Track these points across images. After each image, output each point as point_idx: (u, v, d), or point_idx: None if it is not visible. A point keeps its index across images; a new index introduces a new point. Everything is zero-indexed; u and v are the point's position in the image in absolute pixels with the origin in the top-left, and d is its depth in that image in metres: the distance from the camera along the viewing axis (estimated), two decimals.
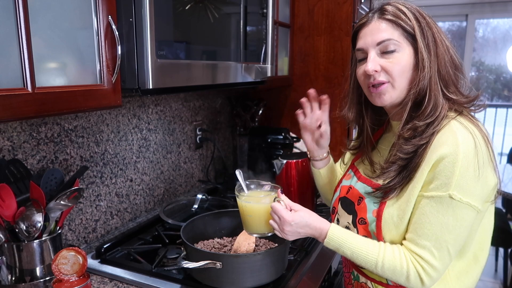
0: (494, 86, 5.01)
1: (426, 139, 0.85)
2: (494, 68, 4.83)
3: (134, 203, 1.52)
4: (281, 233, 0.95)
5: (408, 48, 0.88)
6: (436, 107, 0.86)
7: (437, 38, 0.87)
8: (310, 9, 2.00)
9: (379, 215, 0.90)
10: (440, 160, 0.82)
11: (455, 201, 0.81)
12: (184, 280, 1.09)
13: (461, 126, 0.84)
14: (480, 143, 0.83)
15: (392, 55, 0.88)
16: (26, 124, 1.10)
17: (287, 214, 0.92)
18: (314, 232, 0.94)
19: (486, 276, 3.08)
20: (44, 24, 0.81)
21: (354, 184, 1.01)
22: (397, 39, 0.87)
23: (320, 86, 2.06)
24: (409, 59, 0.88)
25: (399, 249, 0.88)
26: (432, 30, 0.88)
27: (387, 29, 0.88)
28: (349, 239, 0.91)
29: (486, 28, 4.58)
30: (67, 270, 0.93)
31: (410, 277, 0.86)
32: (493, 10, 4.01)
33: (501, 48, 4.57)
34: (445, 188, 0.81)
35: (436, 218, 0.83)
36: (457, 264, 0.91)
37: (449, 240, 0.83)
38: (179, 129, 1.75)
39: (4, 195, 0.96)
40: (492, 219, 0.95)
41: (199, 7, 1.14)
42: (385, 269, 0.87)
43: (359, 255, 0.89)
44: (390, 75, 0.89)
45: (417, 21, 0.87)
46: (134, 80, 0.98)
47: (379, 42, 0.89)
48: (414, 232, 0.86)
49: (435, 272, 0.85)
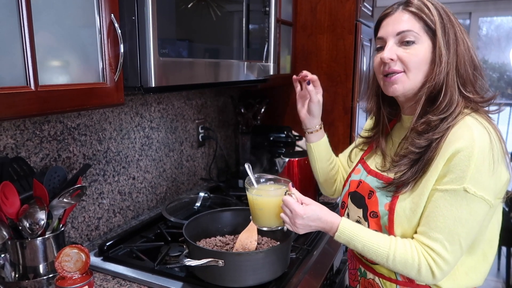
0: (498, 85, 4.99)
1: (440, 133, 0.86)
2: (498, 66, 4.81)
3: (137, 201, 1.53)
4: (292, 227, 0.95)
5: (427, 42, 0.89)
6: (451, 103, 0.87)
7: (458, 37, 0.88)
8: (313, 7, 2.00)
9: (391, 208, 0.90)
10: (456, 153, 0.82)
11: (469, 195, 0.82)
12: (186, 277, 1.09)
13: (476, 121, 0.85)
14: (495, 139, 0.84)
15: (411, 46, 0.89)
16: (29, 122, 1.11)
17: (299, 207, 0.93)
18: (325, 226, 0.94)
19: (489, 274, 3.06)
20: (47, 22, 0.81)
21: (364, 178, 1.01)
22: (417, 31, 0.89)
23: (323, 84, 2.02)
24: (426, 53, 0.89)
25: (410, 242, 0.88)
26: (454, 28, 0.89)
27: (409, 20, 0.89)
28: (360, 232, 0.91)
29: (489, 26, 4.56)
30: (70, 268, 0.93)
31: (422, 270, 0.86)
32: (497, 8, 3.99)
33: (505, 46, 4.55)
34: (460, 181, 0.82)
35: (449, 211, 0.83)
36: (466, 260, 0.92)
37: (461, 234, 0.83)
38: (182, 127, 1.75)
39: (7, 192, 0.96)
40: (500, 217, 0.96)
41: (202, 5, 1.14)
42: (397, 262, 0.87)
43: (370, 249, 0.89)
44: (405, 65, 0.90)
45: (439, 17, 0.88)
46: (136, 78, 0.99)
47: (399, 32, 0.90)
48: (426, 225, 0.86)
49: (446, 265, 0.85)
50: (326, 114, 2.08)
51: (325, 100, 1.15)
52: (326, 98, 2.05)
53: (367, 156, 1.07)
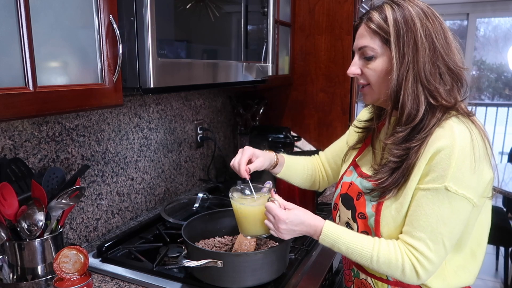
0: (495, 85, 5.01)
1: (418, 141, 0.85)
2: (495, 67, 4.83)
3: (135, 202, 1.53)
4: (277, 232, 0.96)
5: (387, 53, 0.88)
6: (416, 113, 0.85)
7: (419, 44, 0.85)
8: (311, 8, 2.00)
9: (378, 210, 0.91)
10: (437, 153, 0.83)
11: (450, 193, 0.82)
12: (185, 278, 1.09)
13: (458, 121, 0.85)
14: (477, 137, 0.84)
15: (371, 61, 0.90)
16: (27, 123, 1.11)
17: (281, 212, 0.93)
18: (309, 230, 0.94)
19: (487, 275, 3.08)
20: (46, 23, 0.81)
21: (354, 180, 1.02)
22: (376, 46, 0.89)
23: (321, 85, 2.07)
24: (386, 65, 0.89)
25: (394, 243, 0.88)
26: (416, 35, 0.85)
27: (368, 35, 0.90)
28: (344, 234, 0.91)
29: (487, 27, 4.58)
30: (69, 269, 0.93)
31: (406, 270, 0.86)
32: (494, 9, 4.00)
33: (502, 47, 4.57)
34: (441, 180, 0.82)
35: (431, 210, 0.83)
36: (454, 259, 0.92)
37: (444, 233, 0.84)
38: (180, 128, 1.75)
39: (5, 193, 0.96)
40: (489, 216, 0.95)
41: (200, 6, 1.14)
42: (380, 263, 0.87)
43: (354, 250, 0.89)
44: (368, 79, 0.93)
45: (395, 27, 0.85)
46: (135, 79, 0.99)
47: (360, 47, 0.92)
48: (410, 225, 0.86)
49: (430, 265, 0.85)
50: (325, 115, 2.09)
51: (323, 101, 1.17)
52: (324, 99, 2.08)
53: (359, 158, 1.08)
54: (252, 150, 1.09)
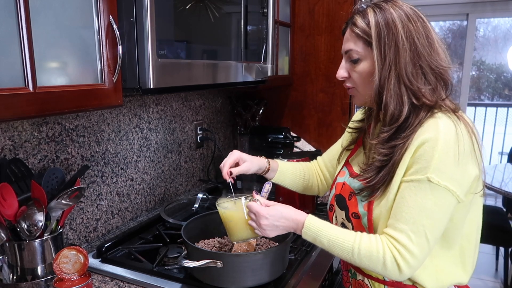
0: (495, 85, 5.01)
1: (403, 140, 0.86)
2: (495, 67, 4.84)
3: (135, 202, 1.53)
4: (260, 230, 0.96)
5: (370, 57, 0.90)
6: (397, 113, 0.87)
7: (400, 46, 0.86)
8: (311, 9, 2.01)
9: (369, 209, 0.92)
10: (421, 145, 0.83)
11: (433, 184, 0.82)
12: (185, 279, 1.09)
13: (443, 115, 0.86)
14: (463, 132, 0.84)
15: (357, 64, 0.92)
16: (27, 124, 1.11)
17: (261, 208, 0.94)
18: (291, 224, 0.95)
19: (487, 275, 3.08)
20: (45, 23, 0.82)
21: (347, 180, 1.02)
22: (360, 49, 0.91)
23: (321, 85, 2.07)
24: (370, 68, 0.90)
25: (376, 236, 0.88)
26: (396, 37, 0.86)
27: (352, 39, 0.92)
28: (325, 227, 0.91)
29: (487, 27, 4.58)
30: (68, 269, 0.93)
31: (387, 263, 0.84)
32: (494, 9, 4.00)
33: (502, 47, 4.57)
34: (424, 171, 0.82)
35: (414, 201, 0.83)
36: (444, 256, 0.92)
37: (426, 225, 0.83)
38: (180, 128, 1.75)
39: (5, 194, 0.96)
40: (480, 213, 0.95)
41: (200, 7, 1.14)
42: (362, 256, 0.86)
43: (336, 243, 0.89)
44: (354, 82, 0.95)
45: (377, 30, 0.87)
46: (135, 80, 0.99)
47: (346, 51, 0.94)
48: (393, 217, 0.86)
49: (412, 258, 0.83)
50: (325, 115, 2.09)
51: (323, 101, 1.16)
52: (324, 99, 2.08)
53: (352, 158, 1.08)
54: (238, 154, 1.10)
